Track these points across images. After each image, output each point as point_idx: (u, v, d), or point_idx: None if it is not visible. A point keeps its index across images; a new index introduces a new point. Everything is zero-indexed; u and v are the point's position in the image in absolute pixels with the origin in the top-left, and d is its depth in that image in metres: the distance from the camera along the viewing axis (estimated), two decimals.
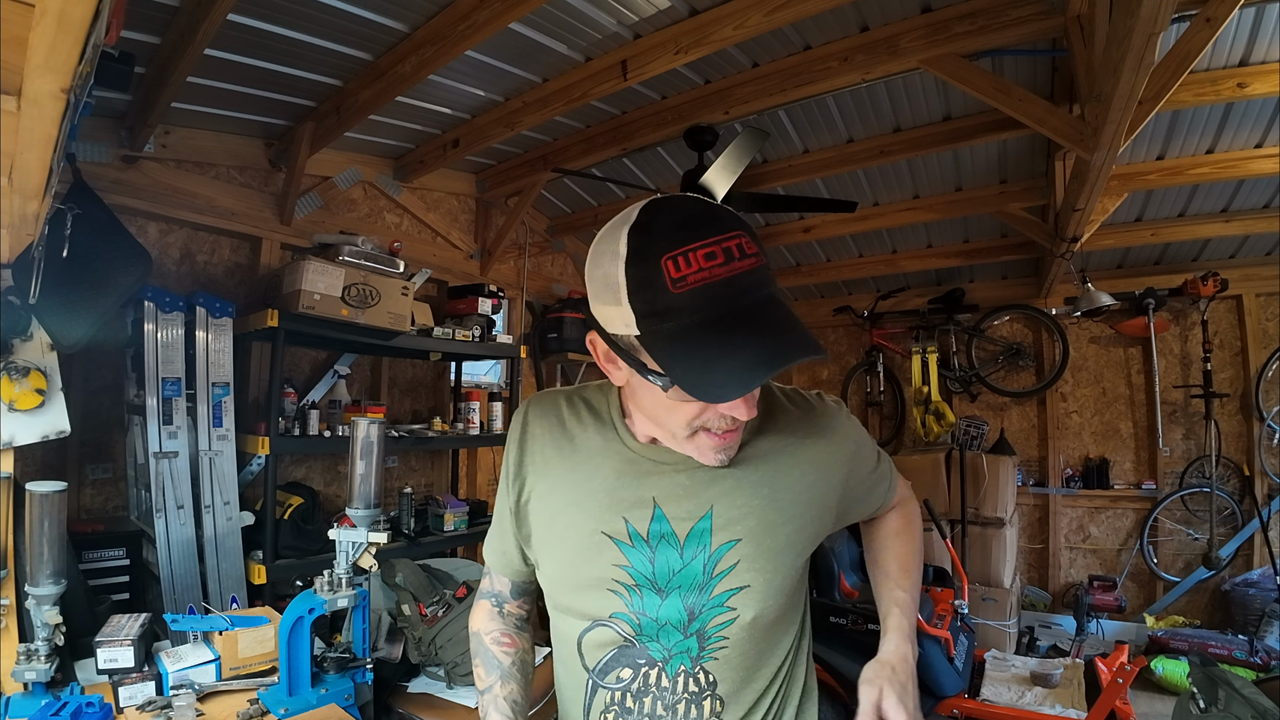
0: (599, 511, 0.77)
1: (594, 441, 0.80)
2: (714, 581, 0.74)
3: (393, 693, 1.72)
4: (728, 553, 0.74)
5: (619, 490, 0.76)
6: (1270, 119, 2.71)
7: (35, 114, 0.86)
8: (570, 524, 0.79)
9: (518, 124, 2.79)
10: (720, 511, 0.74)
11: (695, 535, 0.74)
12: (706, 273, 0.59)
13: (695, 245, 0.59)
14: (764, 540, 0.74)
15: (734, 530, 0.74)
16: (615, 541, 0.76)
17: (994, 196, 3.44)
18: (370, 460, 1.62)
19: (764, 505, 0.75)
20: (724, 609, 0.74)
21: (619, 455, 0.78)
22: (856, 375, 5.03)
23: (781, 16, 2.04)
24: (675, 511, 0.75)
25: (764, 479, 0.76)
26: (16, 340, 1.59)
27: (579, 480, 0.79)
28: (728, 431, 0.70)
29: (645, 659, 0.76)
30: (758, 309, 0.60)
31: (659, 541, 0.75)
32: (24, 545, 1.45)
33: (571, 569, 0.79)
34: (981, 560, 3.84)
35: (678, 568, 0.74)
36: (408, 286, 2.70)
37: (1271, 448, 3.76)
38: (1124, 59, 1.61)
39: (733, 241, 0.60)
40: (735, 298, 0.60)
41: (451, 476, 3.66)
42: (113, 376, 2.48)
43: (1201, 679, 1.73)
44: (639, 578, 0.75)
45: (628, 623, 0.76)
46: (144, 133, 2.42)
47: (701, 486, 0.75)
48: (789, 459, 0.78)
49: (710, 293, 0.59)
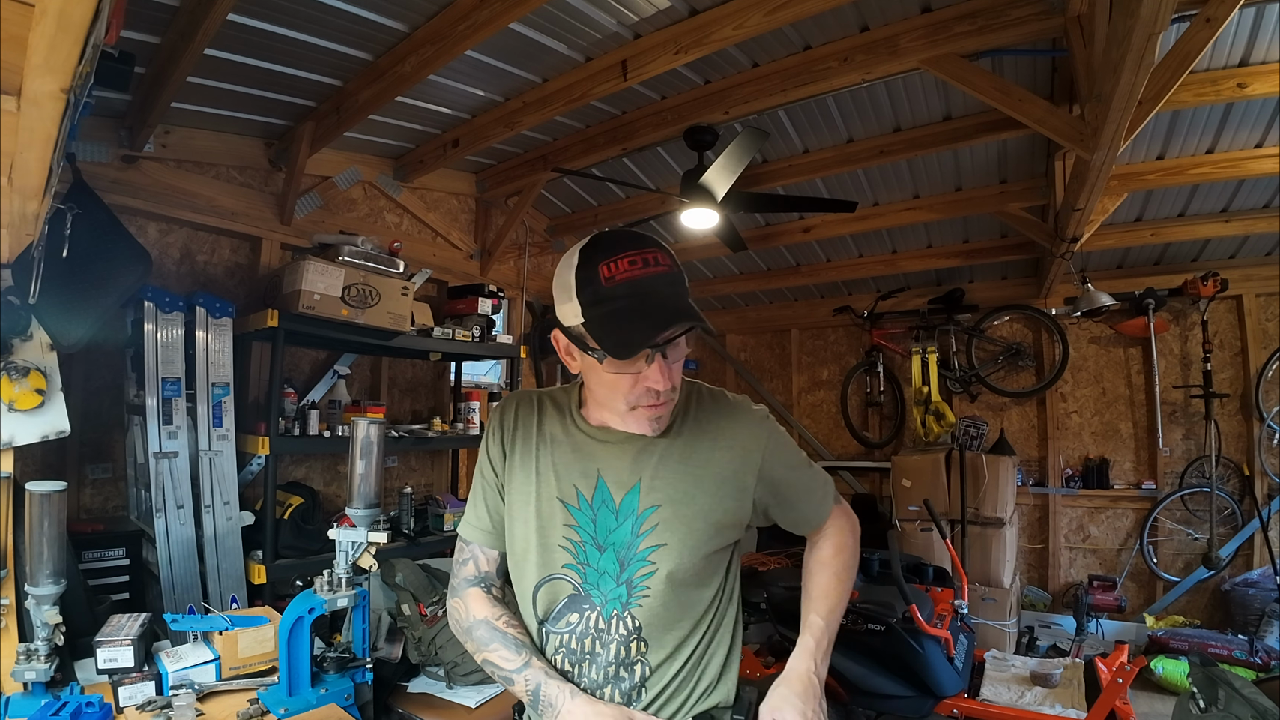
0: (556, 481, 0.96)
1: (556, 427, 1.00)
2: (639, 539, 0.91)
3: (393, 693, 1.72)
4: (650, 515, 0.91)
5: (573, 464, 0.96)
6: (1270, 119, 2.71)
7: (35, 114, 0.86)
8: (534, 491, 0.97)
9: (518, 124, 2.79)
10: (646, 481, 0.92)
11: (627, 500, 0.92)
12: (628, 272, 0.82)
13: (622, 254, 0.83)
14: (680, 507, 0.91)
15: (656, 497, 0.92)
16: (566, 505, 0.94)
17: (994, 196, 3.44)
18: (370, 460, 1.63)
19: (681, 478, 0.92)
20: (646, 563, 0.91)
21: (574, 437, 0.97)
22: (856, 375, 5.03)
23: (781, 16, 2.04)
24: (613, 481, 0.93)
25: (683, 457, 0.93)
26: (16, 340, 1.59)
27: (543, 456, 0.98)
28: (655, 405, 0.89)
29: (589, 604, 0.93)
30: (661, 296, 0.83)
31: (600, 505, 0.93)
32: (24, 545, 1.45)
33: (535, 529, 0.95)
34: (981, 560, 3.84)
35: (613, 527, 0.92)
36: (408, 286, 2.70)
37: (1271, 448, 3.76)
38: (1124, 59, 1.61)
39: (650, 254, 0.84)
40: (646, 288, 0.83)
41: (451, 476, 3.66)
42: (113, 376, 2.48)
43: (1201, 679, 1.73)
44: (584, 535, 0.93)
45: (576, 573, 0.93)
46: (144, 133, 2.42)
47: (634, 461, 0.93)
48: (707, 442, 0.95)
49: (630, 285, 0.82)
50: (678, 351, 0.88)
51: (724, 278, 5.14)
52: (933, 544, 3.74)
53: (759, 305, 5.53)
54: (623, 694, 0.91)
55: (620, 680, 0.91)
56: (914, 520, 3.97)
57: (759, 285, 5.03)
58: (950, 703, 2.45)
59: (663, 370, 0.86)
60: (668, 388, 0.87)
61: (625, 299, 0.82)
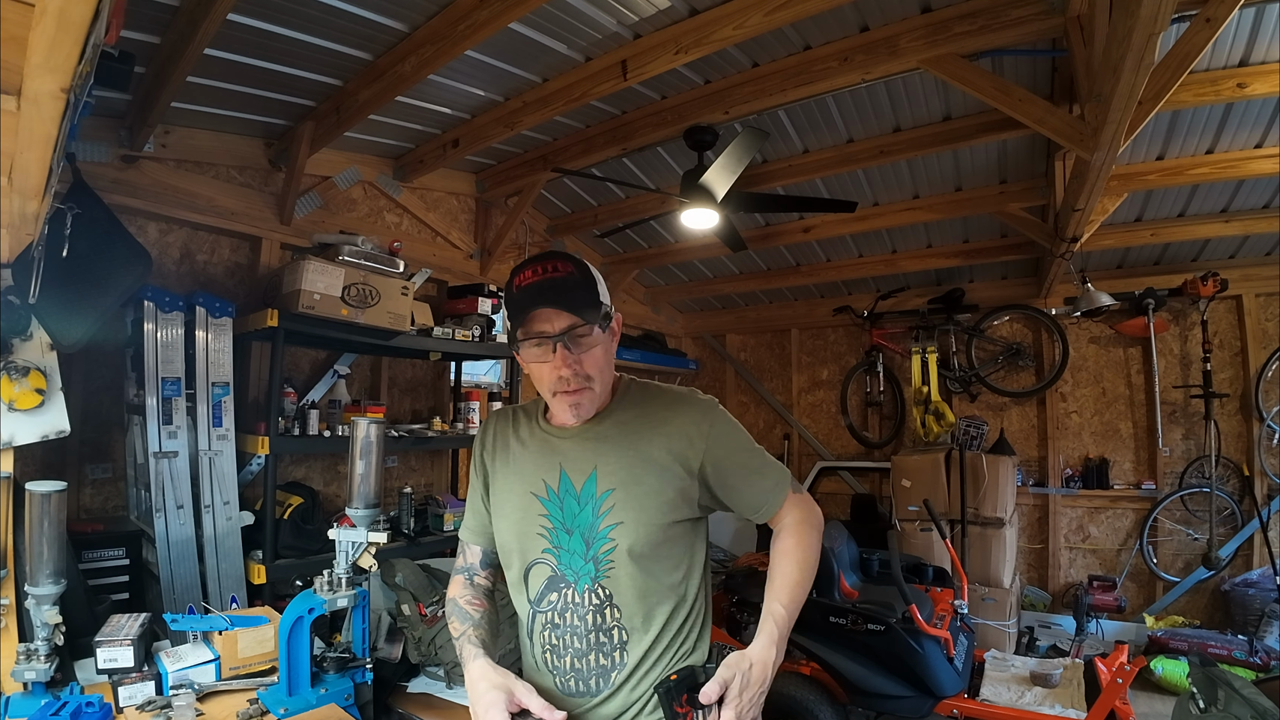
0: (528, 478, 1.09)
1: (525, 432, 1.14)
2: (599, 519, 1.02)
3: (392, 692, 1.72)
4: (607, 498, 1.02)
5: (540, 461, 1.09)
6: (1270, 119, 2.71)
7: (35, 113, 0.86)
8: (512, 489, 1.10)
9: (518, 124, 2.79)
10: (600, 469, 1.04)
11: (587, 486, 1.04)
12: (529, 279, 0.99)
13: (526, 267, 1.00)
14: (631, 488, 1.02)
15: (610, 480, 1.03)
16: (538, 497, 1.07)
17: (994, 196, 3.44)
18: (370, 460, 1.63)
19: (632, 462, 1.03)
20: (607, 539, 1.01)
21: (540, 438, 1.11)
22: (856, 375, 5.03)
23: (781, 16, 2.04)
24: (574, 470, 1.05)
25: (632, 444, 1.05)
26: (16, 340, 1.59)
27: (516, 458, 1.12)
28: (567, 391, 1.01)
29: (564, 583, 1.04)
30: (546, 294, 0.97)
31: (565, 494, 1.05)
32: (24, 545, 1.45)
33: (515, 522, 1.08)
34: (981, 560, 3.84)
35: (576, 511, 1.04)
36: (407, 286, 2.70)
37: (1271, 448, 3.76)
38: (1124, 59, 1.61)
39: (551, 264, 0.99)
40: (539, 289, 0.98)
41: (451, 476, 3.66)
42: (112, 376, 2.48)
43: (1201, 679, 1.73)
44: (555, 521, 1.05)
45: (552, 555, 1.05)
46: (144, 132, 2.42)
47: (589, 453, 1.05)
48: (650, 428, 1.05)
49: (526, 290, 0.98)
50: (584, 344, 1.00)
51: (724, 278, 5.14)
52: (933, 544, 3.74)
53: (759, 305, 5.53)
54: (606, 656, 1.02)
55: (602, 646, 1.02)
56: (914, 520, 3.97)
57: (759, 285, 5.03)
58: (950, 703, 2.45)
59: (564, 359, 0.98)
60: (568, 374, 0.99)
61: (520, 300, 0.98)
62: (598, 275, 1.06)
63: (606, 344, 1.05)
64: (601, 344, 1.03)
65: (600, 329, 1.01)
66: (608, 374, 1.07)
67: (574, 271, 1.00)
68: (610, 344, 1.07)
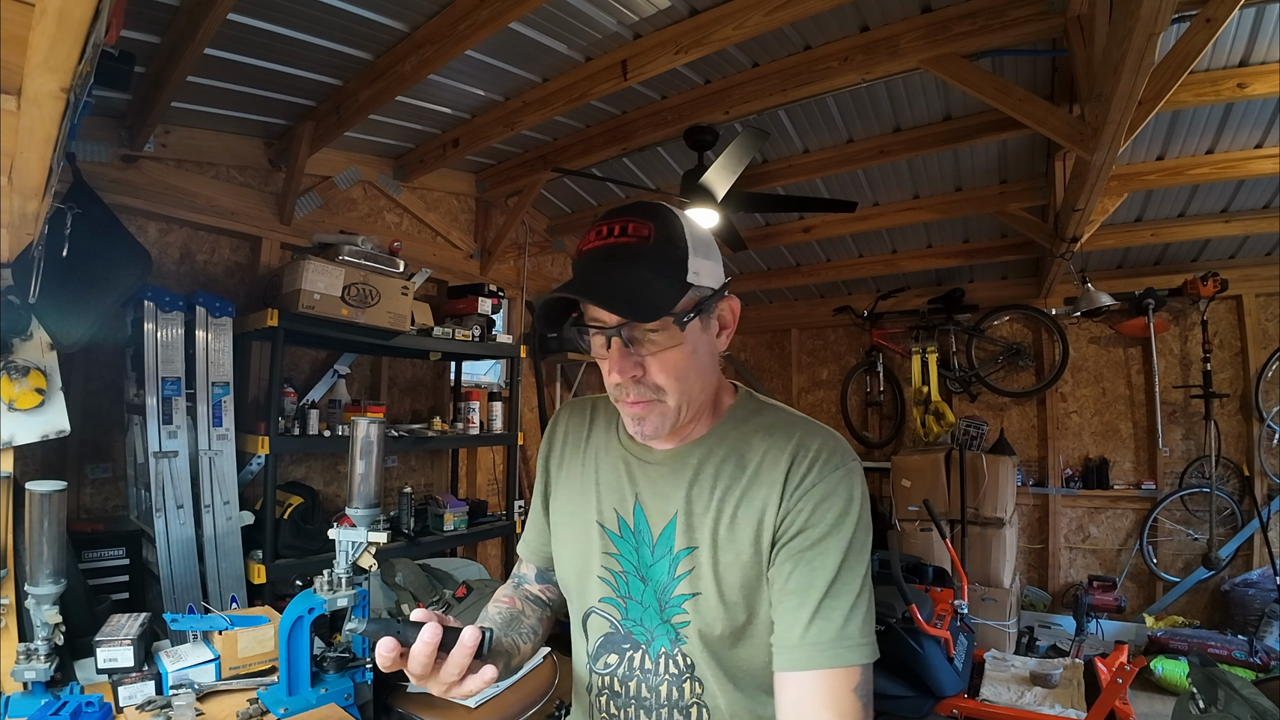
0: (596, 503, 0.84)
1: (600, 441, 0.89)
2: (674, 583, 0.77)
3: (392, 692, 1.72)
4: (685, 558, 0.77)
5: (613, 484, 0.84)
6: (1270, 119, 2.71)
7: (35, 113, 0.86)
8: (575, 514, 0.87)
9: (518, 124, 2.79)
10: (683, 516, 0.78)
11: (665, 535, 0.79)
12: (592, 244, 0.74)
13: (599, 225, 0.74)
14: (717, 552, 0.75)
15: (692, 536, 0.77)
16: (606, 531, 0.83)
17: (994, 196, 3.44)
18: (370, 460, 1.63)
19: (721, 516, 0.76)
20: (681, 609, 0.77)
21: (615, 453, 0.86)
22: (856, 375, 5.03)
23: (781, 16, 2.04)
24: (651, 511, 0.81)
25: (727, 488, 0.77)
26: (16, 340, 1.59)
27: (586, 474, 0.87)
28: (626, 401, 0.76)
29: (630, 643, 0.81)
30: (602, 269, 0.72)
31: (641, 534, 0.81)
32: (24, 545, 1.45)
33: (574, 555, 0.86)
34: (981, 560, 3.84)
35: (651, 562, 0.79)
36: (407, 286, 2.70)
37: (1271, 448, 3.76)
38: (1124, 59, 1.61)
39: (623, 223, 0.73)
40: (597, 260, 0.73)
41: (451, 476, 3.66)
42: (112, 376, 2.48)
43: (1201, 679, 1.73)
44: (626, 564, 0.81)
45: (615, 607, 0.82)
46: (144, 132, 2.42)
47: (673, 488, 0.79)
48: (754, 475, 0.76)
49: (585, 258, 0.74)
50: (653, 343, 0.73)
51: None
52: (932, 544, 3.74)
53: (759, 305, 5.53)
54: None
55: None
56: (914, 520, 3.97)
57: (759, 285, 5.03)
58: (950, 703, 2.45)
59: (620, 358, 0.73)
60: (623, 380, 0.74)
61: (576, 274, 0.75)
62: (696, 240, 0.74)
63: (698, 343, 0.75)
64: (685, 344, 0.73)
65: (679, 324, 0.71)
66: (695, 384, 0.76)
67: (649, 237, 0.71)
68: (706, 342, 0.77)
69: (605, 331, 0.73)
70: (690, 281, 0.72)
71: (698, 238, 0.74)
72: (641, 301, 0.69)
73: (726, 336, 0.80)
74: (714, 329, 0.78)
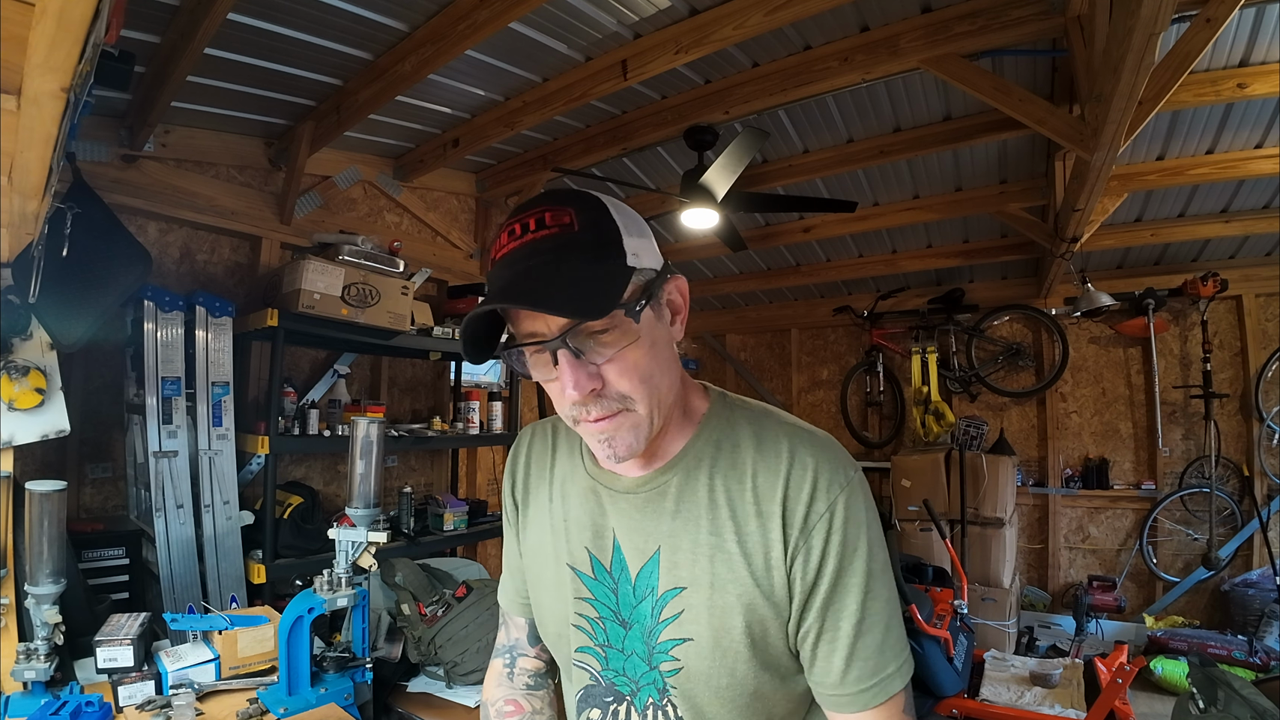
0: (564, 542, 0.75)
1: (565, 469, 0.78)
2: (660, 627, 0.68)
3: (392, 692, 1.72)
4: (673, 599, 0.67)
5: (583, 519, 0.74)
6: (1270, 119, 2.71)
7: (35, 113, 0.86)
8: (545, 555, 0.77)
9: (518, 124, 2.79)
10: (666, 552, 0.68)
11: (645, 573, 0.69)
12: (505, 247, 0.62)
13: (506, 223, 0.63)
14: (709, 592, 0.66)
15: (679, 575, 0.67)
16: (578, 573, 0.73)
17: (994, 196, 3.44)
18: (370, 460, 1.63)
19: (712, 548, 0.66)
20: (670, 658, 0.68)
21: (581, 483, 0.75)
22: (856, 375, 5.03)
23: (781, 16, 2.04)
24: (629, 549, 0.70)
25: (715, 515, 0.67)
26: (16, 339, 1.60)
27: (554, 509, 0.77)
28: (589, 420, 0.64)
29: (613, 695, 0.72)
30: (523, 271, 0.60)
31: (620, 574, 0.71)
32: (24, 544, 1.45)
33: (552, 601, 0.77)
34: (981, 560, 3.84)
35: (634, 604, 0.70)
36: (407, 286, 2.70)
37: (1271, 448, 3.76)
38: (1124, 59, 1.61)
39: (537, 214, 0.62)
40: (514, 264, 0.61)
41: (451, 476, 3.66)
42: (112, 376, 2.48)
43: (1201, 679, 1.73)
44: (603, 610, 0.72)
45: (594, 657, 0.73)
46: (144, 132, 2.42)
47: (651, 521, 0.69)
48: (740, 494, 0.67)
49: (501, 266, 0.62)
50: (606, 344, 0.61)
51: (724, 278, 5.14)
52: (932, 544, 3.74)
53: (759, 305, 5.53)
54: None
55: None
56: (914, 520, 3.97)
57: (759, 285, 5.03)
58: (950, 702, 2.45)
59: (572, 373, 0.61)
60: (579, 396, 0.61)
61: (494, 284, 0.62)
62: (625, 218, 0.64)
63: (655, 335, 0.64)
64: (641, 340, 0.63)
65: (633, 316, 0.61)
66: (662, 383, 0.65)
67: (572, 223, 0.61)
68: (663, 333, 0.66)
69: (548, 345, 0.60)
70: (631, 265, 0.62)
71: (626, 215, 0.65)
72: (585, 297, 0.57)
73: (681, 323, 0.69)
74: (666, 316, 0.67)
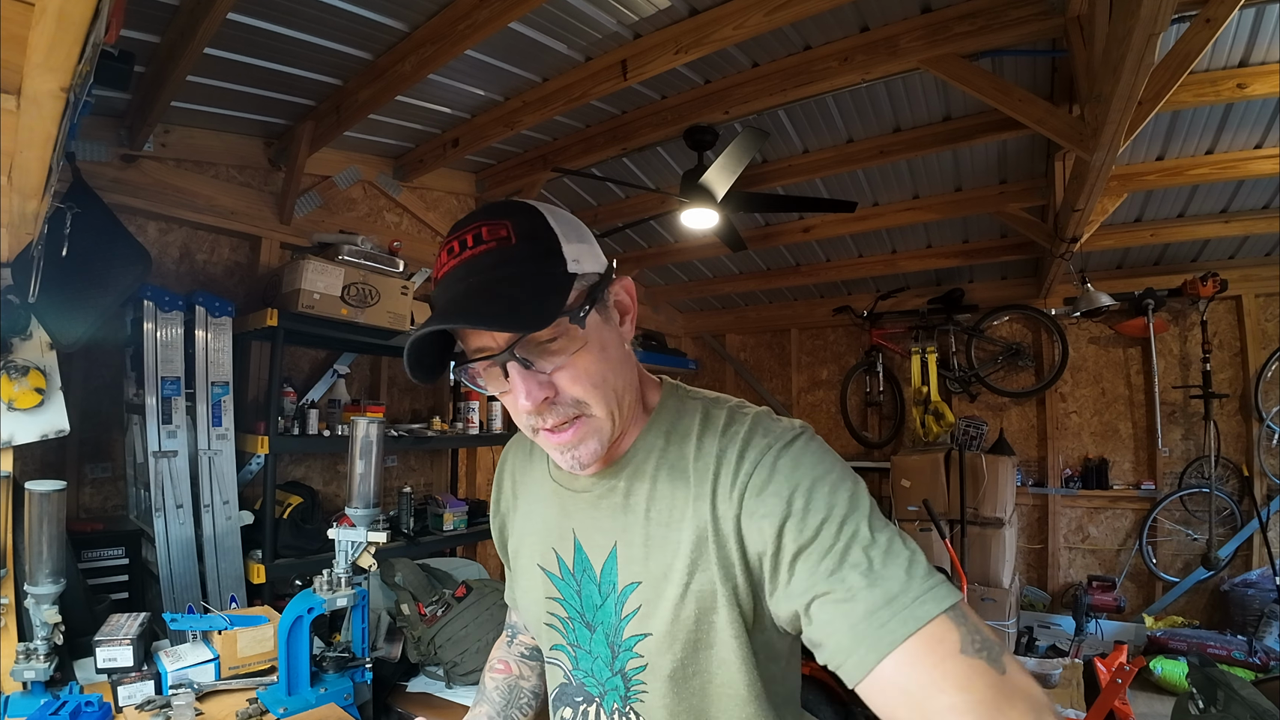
0: (536, 544, 0.79)
1: (536, 476, 0.82)
2: (623, 624, 0.68)
3: (392, 692, 1.72)
4: (631, 594, 0.68)
5: (549, 522, 0.77)
6: (1270, 120, 2.71)
7: (35, 113, 0.86)
8: (520, 558, 0.82)
9: (517, 124, 2.79)
10: (622, 547, 0.69)
11: (607, 569, 0.70)
12: (445, 266, 0.63)
13: (445, 241, 0.64)
14: (661, 584, 0.65)
15: (634, 570, 0.68)
16: (548, 574, 0.77)
17: (994, 197, 3.44)
18: (369, 460, 1.63)
19: (659, 541, 0.66)
20: (634, 654, 0.68)
21: (549, 488, 0.79)
22: (856, 375, 5.03)
23: (781, 16, 2.04)
24: (589, 544, 0.72)
25: (661, 505, 0.67)
26: (16, 339, 1.59)
27: (527, 514, 0.82)
28: (555, 427, 0.64)
29: (583, 695, 0.74)
30: (462, 289, 0.61)
31: (583, 574, 0.73)
32: (23, 544, 1.45)
33: (530, 603, 0.81)
34: (981, 560, 3.84)
35: (598, 603, 0.71)
36: (407, 286, 2.70)
37: (1270, 448, 3.76)
38: (1124, 59, 1.61)
39: (473, 230, 0.62)
40: (454, 283, 0.62)
41: (451, 476, 3.66)
42: (112, 375, 2.48)
43: (1200, 679, 1.73)
44: (570, 610, 0.74)
45: (566, 656, 0.76)
46: (143, 132, 2.42)
47: (608, 518, 0.70)
48: (684, 481, 0.66)
49: (444, 283, 0.63)
50: (554, 352, 0.62)
51: (724, 278, 5.14)
52: (932, 544, 3.73)
53: (759, 305, 5.53)
54: None
55: None
56: (913, 520, 3.97)
57: (759, 285, 5.03)
58: None
59: (524, 384, 0.61)
60: (528, 410, 0.62)
61: (436, 304, 0.63)
62: (563, 225, 0.64)
63: (604, 339, 0.65)
64: (590, 345, 0.63)
65: (578, 321, 0.61)
66: (618, 383, 0.65)
67: (509, 236, 0.61)
68: (612, 335, 0.66)
69: (496, 359, 0.61)
70: (573, 271, 0.62)
71: (564, 222, 0.65)
72: (526, 308, 0.57)
73: (630, 322, 0.69)
74: (615, 318, 0.67)
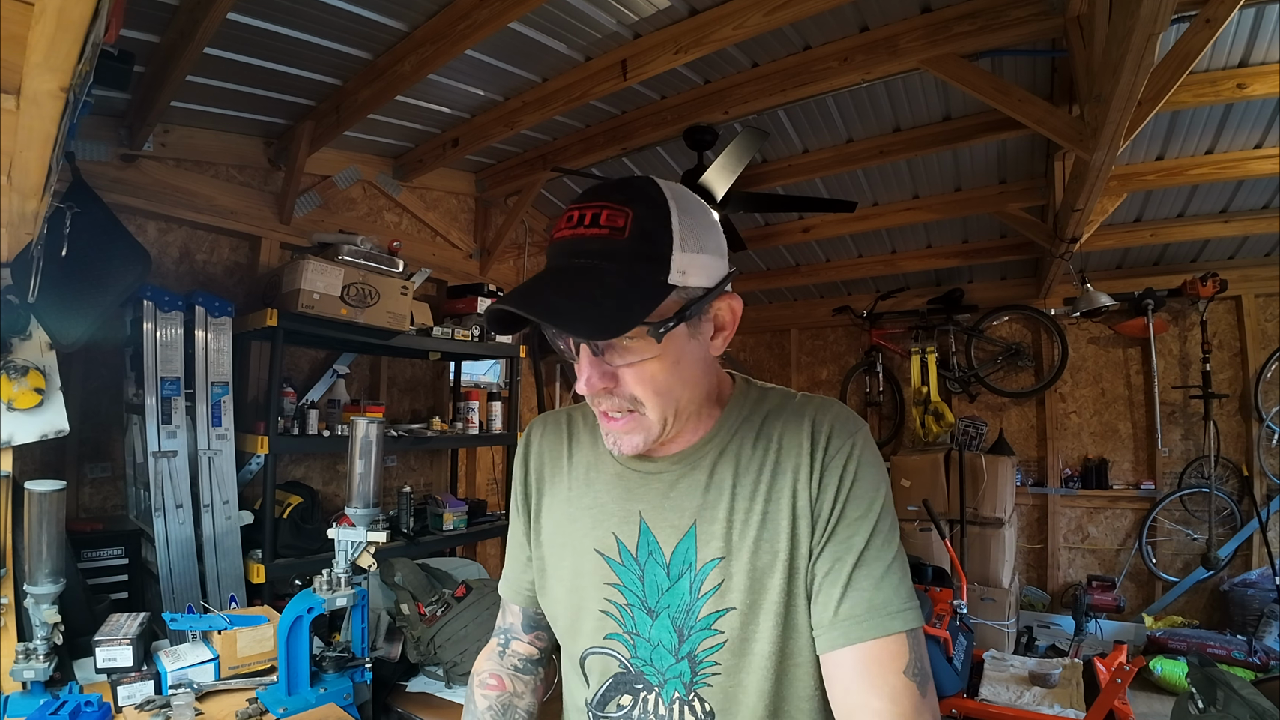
0: (591, 528, 0.76)
1: (588, 456, 0.79)
2: (700, 602, 0.69)
3: (391, 692, 1.72)
4: (713, 571, 0.69)
5: (609, 505, 0.75)
6: (1270, 120, 2.71)
7: (35, 112, 0.86)
8: (567, 542, 0.78)
9: (517, 123, 2.79)
10: (702, 525, 0.70)
11: (680, 552, 0.70)
12: (562, 231, 0.63)
13: (572, 205, 0.64)
14: (748, 558, 0.67)
15: (717, 546, 0.69)
16: (606, 559, 0.74)
17: (993, 197, 3.44)
18: (369, 459, 1.63)
19: (747, 515, 0.69)
20: (711, 631, 0.68)
21: (609, 469, 0.77)
22: (856, 375, 5.04)
23: (781, 16, 2.04)
24: (660, 526, 0.72)
25: (748, 484, 0.69)
26: (15, 339, 1.59)
27: (575, 497, 0.78)
28: (606, 414, 0.68)
29: (643, 684, 0.73)
30: (563, 270, 0.62)
31: (647, 559, 0.72)
32: (23, 544, 1.45)
33: (569, 591, 0.77)
34: (980, 560, 3.84)
35: (665, 586, 0.71)
36: (407, 286, 2.70)
37: (1270, 448, 3.76)
38: (1124, 59, 1.61)
39: (590, 211, 0.62)
40: (563, 255, 0.63)
41: (450, 476, 3.66)
42: (111, 375, 2.48)
43: (1200, 679, 1.73)
44: (630, 597, 0.72)
45: (623, 644, 0.73)
46: (143, 131, 2.42)
47: (686, 497, 0.71)
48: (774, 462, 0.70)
49: (554, 249, 0.64)
50: (629, 351, 0.64)
51: None
52: (932, 544, 3.74)
53: (759, 305, 5.53)
54: None
55: None
56: (913, 520, 3.97)
57: (759, 285, 5.04)
58: (949, 703, 2.45)
59: (584, 366, 0.65)
60: (590, 393, 0.66)
61: (534, 278, 0.65)
62: (687, 229, 0.63)
63: (683, 352, 0.66)
64: (664, 355, 0.64)
65: (655, 335, 0.62)
66: (681, 395, 0.67)
67: (624, 228, 0.61)
68: (695, 350, 0.67)
69: (571, 334, 0.64)
70: (672, 283, 0.61)
71: (689, 227, 0.63)
72: (603, 315, 0.58)
73: (723, 340, 0.69)
74: (706, 333, 0.68)
